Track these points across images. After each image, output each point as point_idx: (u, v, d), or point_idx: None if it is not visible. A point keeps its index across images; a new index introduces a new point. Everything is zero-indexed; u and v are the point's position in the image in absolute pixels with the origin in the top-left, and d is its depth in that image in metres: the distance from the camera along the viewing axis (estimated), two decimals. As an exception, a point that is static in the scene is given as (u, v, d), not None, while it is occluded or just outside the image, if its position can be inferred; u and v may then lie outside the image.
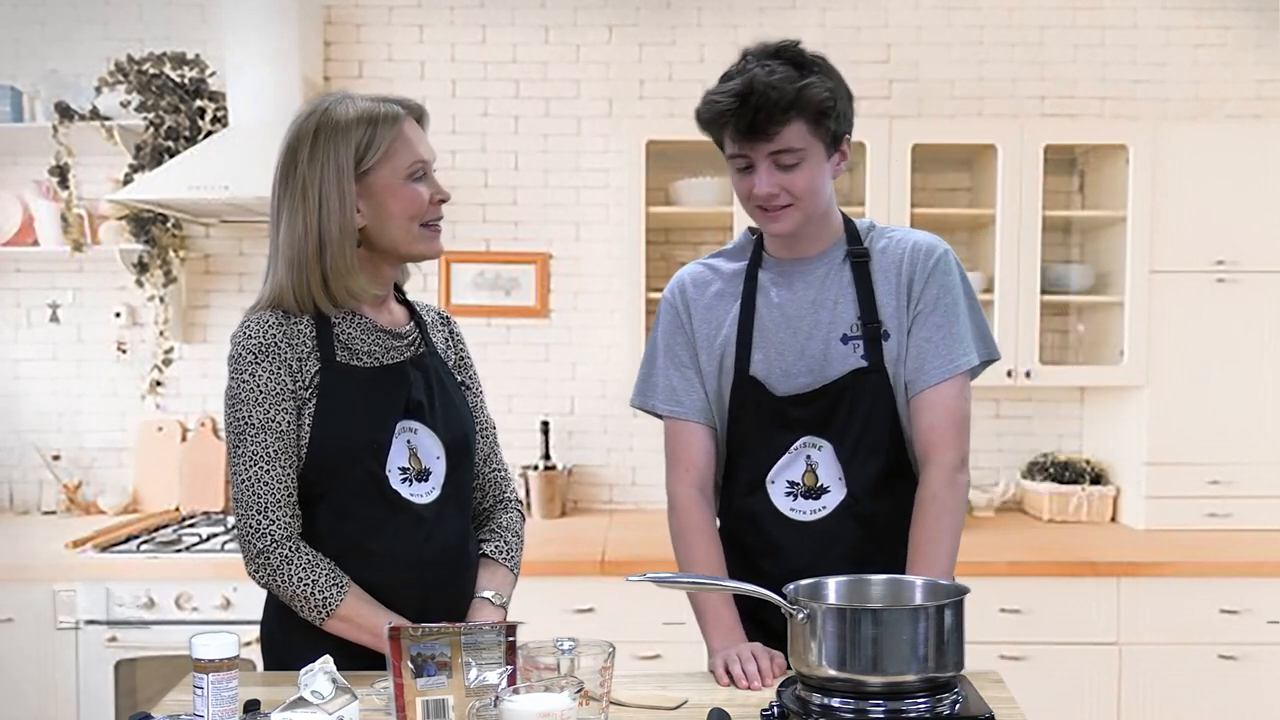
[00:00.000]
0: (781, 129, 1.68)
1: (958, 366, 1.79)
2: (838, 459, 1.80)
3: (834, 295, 1.81)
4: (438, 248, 1.75)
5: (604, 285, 3.75)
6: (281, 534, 1.64)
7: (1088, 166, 3.68)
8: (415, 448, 1.72)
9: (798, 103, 1.67)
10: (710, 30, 3.71)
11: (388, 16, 3.73)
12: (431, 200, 1.71)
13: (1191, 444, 3.37)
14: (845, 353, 1.79)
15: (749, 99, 1.67)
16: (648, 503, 3.77)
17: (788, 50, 1.72)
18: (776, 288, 1.84)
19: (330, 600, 1.63)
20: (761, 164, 1.72)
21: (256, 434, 1.64)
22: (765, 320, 1.83)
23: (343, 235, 1.66)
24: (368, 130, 1.66)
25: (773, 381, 1.81)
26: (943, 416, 1.78)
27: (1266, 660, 3.03)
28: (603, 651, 1.44)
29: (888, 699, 1.41)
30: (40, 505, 3.71)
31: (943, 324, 1.79)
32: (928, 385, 1.78)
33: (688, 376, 1.88)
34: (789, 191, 1.73)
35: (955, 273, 1.82)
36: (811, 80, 1.68)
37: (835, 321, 1.80)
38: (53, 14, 3.71)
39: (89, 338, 3.74)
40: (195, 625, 2.94)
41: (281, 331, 1.66)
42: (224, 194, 3.15)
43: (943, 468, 1.77)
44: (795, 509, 1.82)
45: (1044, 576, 3.03)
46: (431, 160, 1.74)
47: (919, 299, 1.80)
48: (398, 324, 1.78)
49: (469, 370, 1.91)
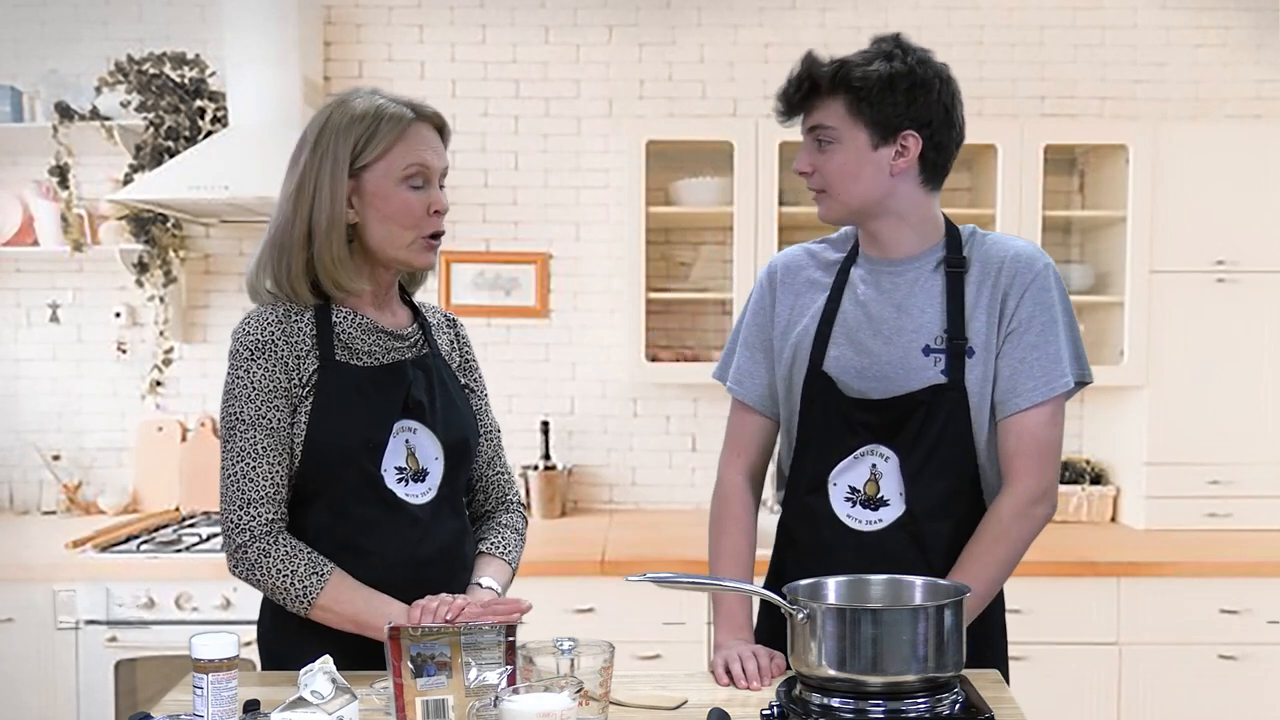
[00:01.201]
0: (815, 102, 1.68)
1: (1052, 390, 1.71)
2: (902, 473, 1.73)
3: (922, 303, 1.74)
4: (429, 260, 1.71)
5: (604, 285, 3.75)
6: (261, 529, 1.63)
7: (1088, 166, 3.68)
8: (414, 448, 1.71)
9: (835, 78, 1.66)
10: (710, 30, 3.71)
11: (388, 16, 3.74)
12: (428, 210, 1.68)
13: (1191, 444, 3.37)
14: (925, 365, 1.72)
15: (801, 68, 1.69)
16: (648, 503, 3.77)
17: (888, 37, 1.72)
18: (865, 286, 1.78)
19: (310, 589, 1.61)
20: (805, 139, 1.73)
21: (246, 430, 1.64)
22: (848, 317, 1.77)
23: (330, 228, 1.65)
24: (370, 126, 1.65)
25: (846, 380, 1.75)
26: (1029, 443, 1.71)
27: (1266, 660, 3.03)
28: (603, 651, 1.44)
29: (888, 699, 1.41)
30: (40, 505, 3.71)
31: (1038, 344, 1.71)
32: (1018, 409, 1.70)
33: (757, 360, 1.86)
34: (820, 173, 1.72)
35: (1054, 289, 1.73)
36: (877, 68, 1.66)
37: (919, 331, 1.73)
38: (53, 14, 3.71)
39: (89, 338, 3.74)
40: (195, 625, 2.94)
41: (280, 329, 1.66)
42: (224, 194, 3.15)
43: (1018, 497, 1.70)
44: (852, 516, 1.76)
45: (1044, 576, 3.02)
46: (437, 169, 1.70)
47: (1013, 315, 1.71)
48: (400, 325, 1.78)
49: (474, 373, 1.90)
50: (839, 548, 1.76)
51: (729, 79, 3.67)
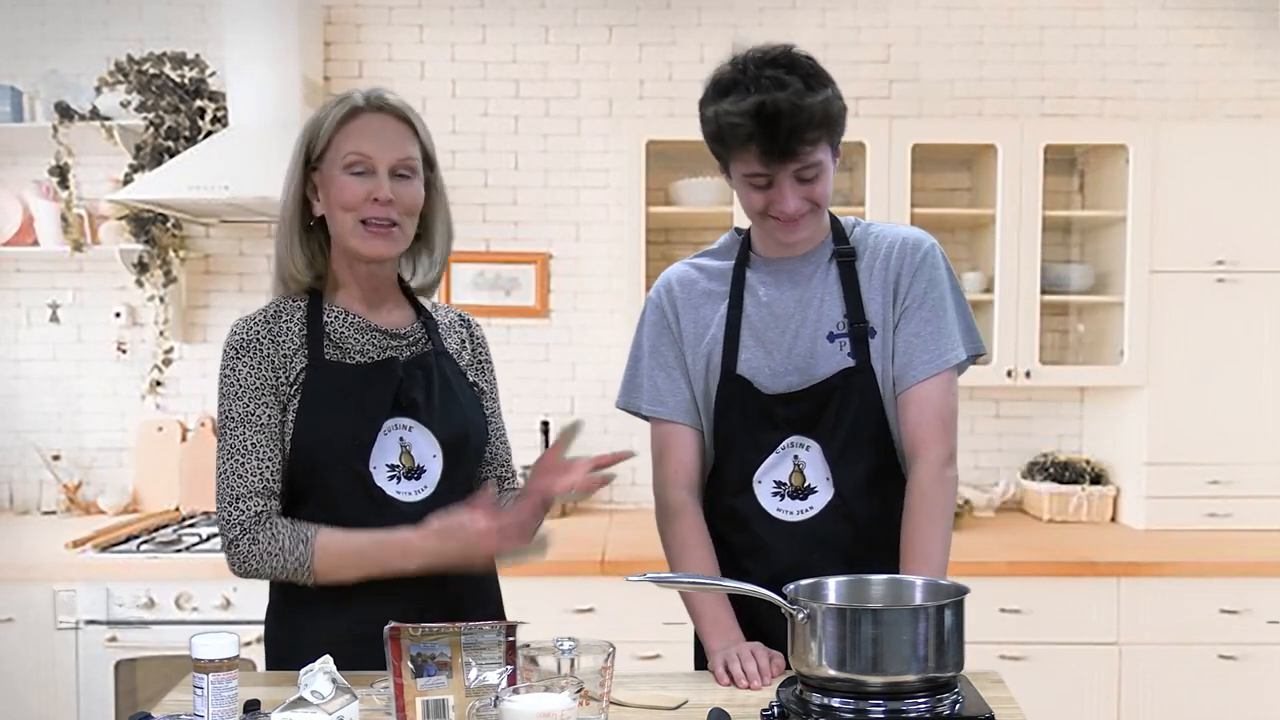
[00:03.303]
0: (810, 149, 1.68)
1: (945, 362, 1.78)
2: (825, 459, 1.79)
3: (820, 293, 1.81)
4: (374, 248, 1.68)
5: (604, 285, 3.75)
6: (250, 521, 1.63)
7: (1088, 166, 3.68)
8: (408, 445, 1.71)
9: (824, 122, 1.67)
10: (710, 30, 3.71)
11: (388, 16, 3.74)
12: (368, 197, 1.66)
13: (1191, 444, 3.37)
14: (832, 351, 1.78)
15: (777, 122, 1.64)
16: (648, 503, 3.71)
17: (787, 58, 1.69)
18: (765, 286, 1.83)
19: (303, 558, 1.62)
20: (785, 182, 1.71)
21: (236, 427, 1.65)
22: (753, 319, 1.82)
23: (290, 221, 1.72)
24: (320, 118, 1.70)
25: (760, 380, 1.80)
26: (930, 413, 1.77)
27: (1266, 660, 3.03)
28: (603, 651, 1.44)
29: (888, 699, 1.41)
30: (40, 505, 3.71)
31: (930, 319, 1.78)
32: (915, 381, 1.77)
33: (673, 377, 1.88)
34: (810, 201, 1.73)
35: (942, 267, 1.81)
36: (826, 94, 1.67)
37: (821, 320, 1.79)
38: (53, 14, 3.71)
39: (89, 338, 3.74)
40: (195, 625, 2.94)
41: (266, 329, 1.69)
42: (224, 194, 3.15)
43: (931, 464, 1.76)
44: (782, 509, 1.81)
45: (1044, 576, 3.03)
46: (381, 159, 1.67)
47: (906, 294, 1.78)
48: (397, 324, 1.78)
49: (486, 374, 1.89)
50: (772, 541, 1.80)
51: (729, 79, 3.66)
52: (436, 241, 1.85)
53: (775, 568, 1.68)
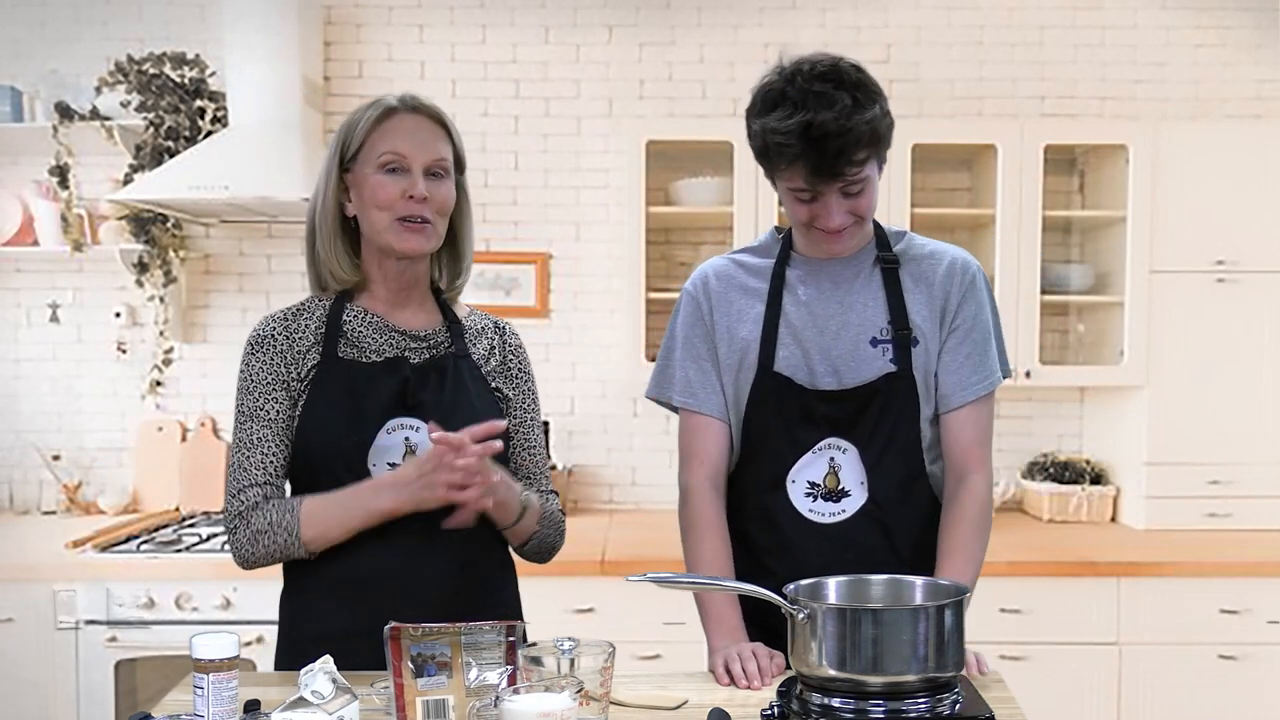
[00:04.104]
0: (858, 169, 1.68)
1: (990, 385, 1.82)
2: (862, 463, 1.79)
3: (864, 298, 1.81)
4: (409, 243, 1.70)
5: (604, 285, 3.75)
6: (246, 508, 1.66)
7: (1088, 166, 3.68)
8: (414, 446, 1.71)
9: (871, 141, 1.67)
10: (710, 30, 3.71)
11: (388, 16, 3.74)
12: (403, 195, 1.68)
13: (1191, 444, 3.37)
14: (874, 355, 1.79)
15: (824, 143, 1.63)
16: (648, 502, 3.77)
17: (835, 72, 1.68)
18: (804, 286, 1.83)
19: (291, 527, 1.64)
20: (831, 198, 1.71)
21: (245, 421, 1.69)
22: (792, 318, 1.82)
23: (325, 222, 1.73)
24: (356, 119, 1.72)
25: (798, 379, 1.80)
26: (978, 434, 1.81)
27: (1266, 660, 3.03)
28: (603, 651, 1.44)
29: (888, 699, 1.41)
30: (40, 505, 3.71)
31: (980, 342, 1.82)
32: (966, 402, 1.80)
33: (705, 370, 1.87)
34: (855, 213, 1.74)
35: (987, 291, 1.85)
36: (874, 111, 1.67)
37: (864, 324, 1.80)
38: (53, 14, 3.71)
39: (89, 338, 3.74)
40: (195, 625, 2.94)
41: (284, 325, 1.72)
42: (224, 194, 3.15)
43: (980, 487, 1.80)
44: (814, 510, 1.80)
45: (1044, 576, 3.03)
46: (417, 158, 1.69)
47: (955, 315, 1.81)
48: (419, 325, 1.77)
49: (517, 383, 1.86)
50: (801, 543, 1.80)
51: (729, 79, 3.67)
52: (464, 246, 1.84)
53: (801, 569, 1.65)
